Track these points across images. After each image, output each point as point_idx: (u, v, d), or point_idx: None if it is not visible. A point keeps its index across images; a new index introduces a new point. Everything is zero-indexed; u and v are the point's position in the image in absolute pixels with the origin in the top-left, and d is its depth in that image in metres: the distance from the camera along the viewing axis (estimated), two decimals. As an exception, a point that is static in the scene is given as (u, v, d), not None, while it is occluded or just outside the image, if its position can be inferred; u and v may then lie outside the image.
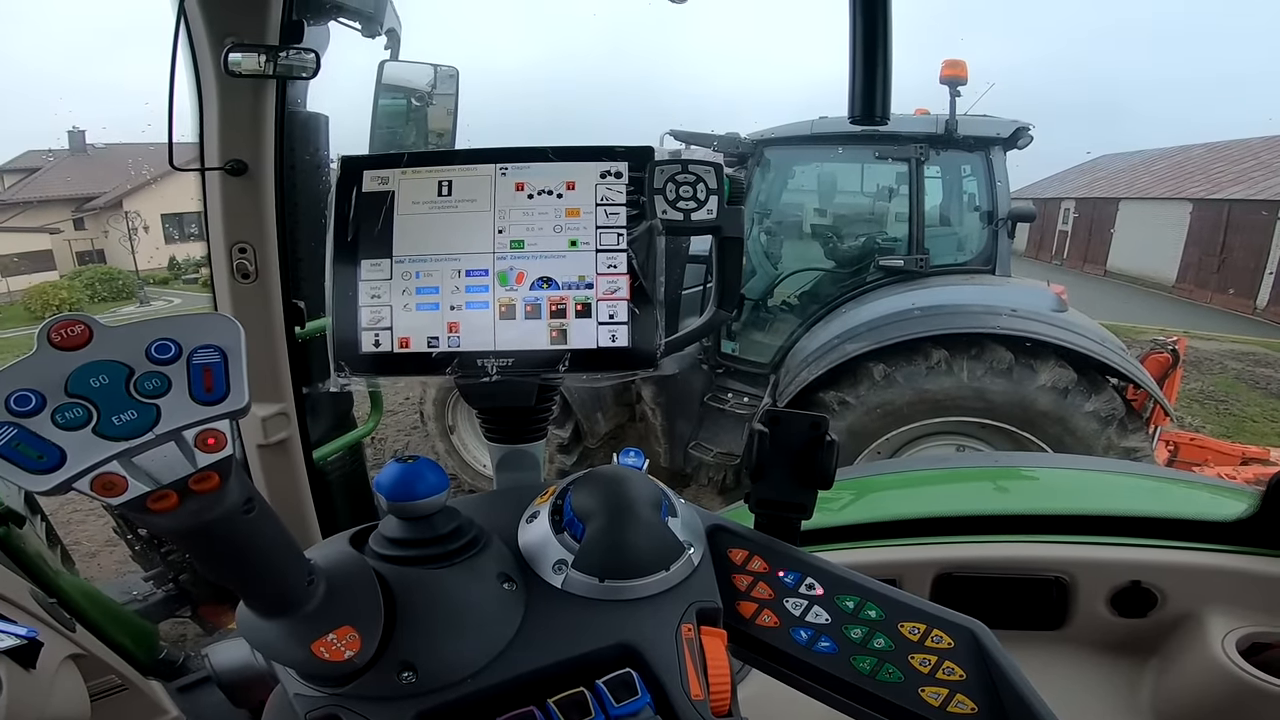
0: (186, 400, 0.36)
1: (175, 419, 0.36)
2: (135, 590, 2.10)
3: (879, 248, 4.10)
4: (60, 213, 23.22)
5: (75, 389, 0.35)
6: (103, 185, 23.18)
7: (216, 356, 0.37)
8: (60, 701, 0.90)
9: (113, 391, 0.35)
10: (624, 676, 0.46)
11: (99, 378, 0.35)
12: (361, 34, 1.78)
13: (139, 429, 0.35)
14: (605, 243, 0.60)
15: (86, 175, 24.01)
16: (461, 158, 0.63)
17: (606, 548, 0.52)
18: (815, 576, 0.56)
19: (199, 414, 0.36)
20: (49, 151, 25.88)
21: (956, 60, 3.83)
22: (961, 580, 1.01)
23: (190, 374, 0.37)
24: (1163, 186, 18.76)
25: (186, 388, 0.36)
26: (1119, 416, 3.28)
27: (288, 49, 1.28)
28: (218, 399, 0.36)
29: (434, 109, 2.24)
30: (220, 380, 0.37)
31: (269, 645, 0.43)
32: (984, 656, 0.52)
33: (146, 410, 0.35)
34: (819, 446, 0.58)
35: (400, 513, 0.50)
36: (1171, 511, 1.03)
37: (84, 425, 0.34)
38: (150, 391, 0.36)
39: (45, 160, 25.47)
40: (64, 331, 0.36)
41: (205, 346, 0.37)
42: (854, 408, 3.45)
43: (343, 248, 0.61)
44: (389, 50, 1.98)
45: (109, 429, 0.34)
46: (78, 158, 25.54)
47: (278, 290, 1.26)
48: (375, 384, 0.60)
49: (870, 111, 0.65)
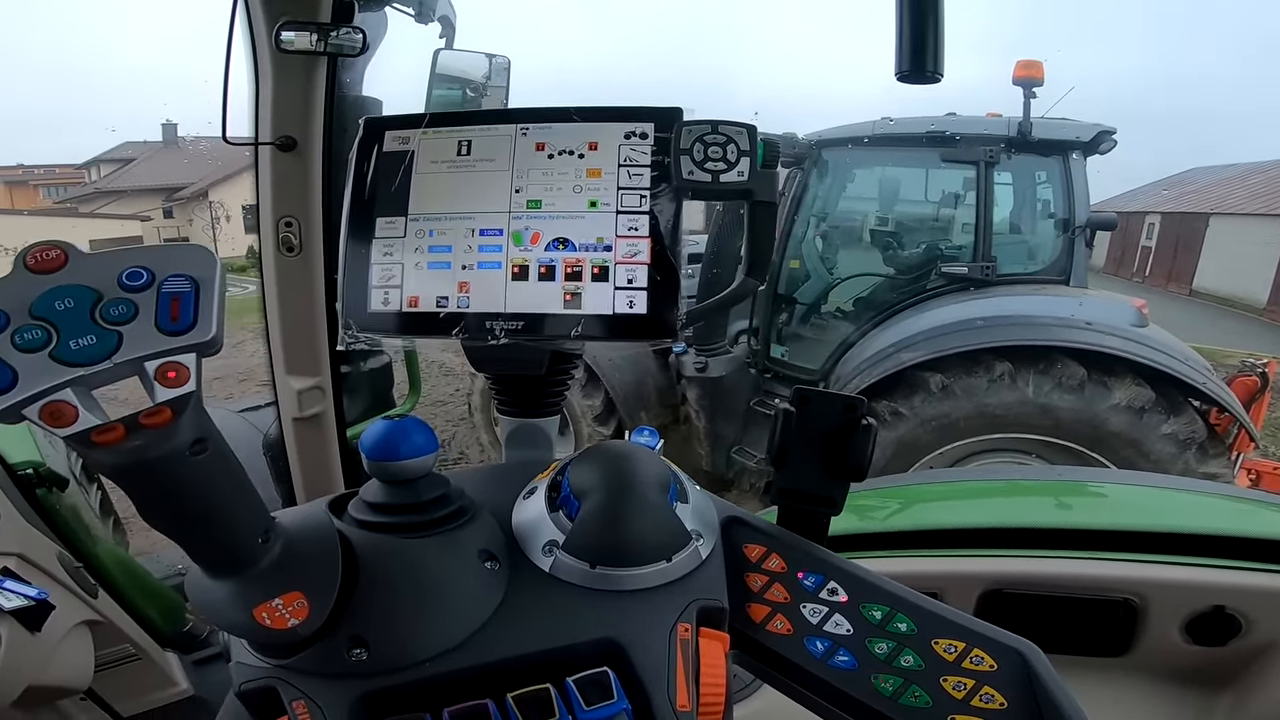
0: (151, 329, 0.34)
1: (137, 347, 0.33)
2: (179, 564, 2.17)
3: (942, 255, 3.93)
4: (151, 201, 24.72)
5: (39, 311, 0.33)
6: (191, 176, 24.56)
7: (188, 285, 0.35)
8: (60, 667, 0.91)
9: (76, 315, 0.33)
10: (599, 676, 0.41)
11: (64, 301, 0.34)
12: (415, 20, 1.80)
13: (97, 355, 0.33)
14: (627, 204, 0.57)
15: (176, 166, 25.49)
16: (483, 118, 0.61)
17: (601, 530, 0.47)
18: (840, 581, 0.50)
19: (162, 344, 0.34)
20: (144, 143, 27.67)
21: (1032, 61, 3.65)
22: (1012, 598, 0.92)
23: (159, 302, 0.34)
24: (1257, 202, 17.50)
25: (153, 316, 0.34)
26: (1199, 440, 3.05)
27: (338, 28, 1.31)
28: (183, 329, 0.34)
29: (488, 100, 2.25)
30: (188, 310, 0.34)
31: (211, 607, 0.40)
32: (1033, 683, 0.44)
33: (108, 336, 0.33)
34: (854, 431, 0.52)
35: (381, 473, 0.46)
36: (1261, 532, 0.92)
37: (42, 348, 0.32)
38: (115, 318, 0.34)
39: (140, 151, 27.22)
40: (40, 255, 0.35)
41: (177, 275, 0.35)
42: (906, 419, 3.31)
43: (359, 206, 0.60)
44: (444, 39, 2.00)
45: (65, 353, 0.33)
46: (169, 149, 27.14)
47: (320, 264, 1.28)
48: (375, 341, 0.58)
49: (921, 66, 0.58)
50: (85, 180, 27.79)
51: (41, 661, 0.87)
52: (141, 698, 1.20)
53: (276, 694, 0.41)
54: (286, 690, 0.40)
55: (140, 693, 1.20)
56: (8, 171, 27.91)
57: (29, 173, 28.60)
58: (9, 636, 0.80)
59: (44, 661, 0.87)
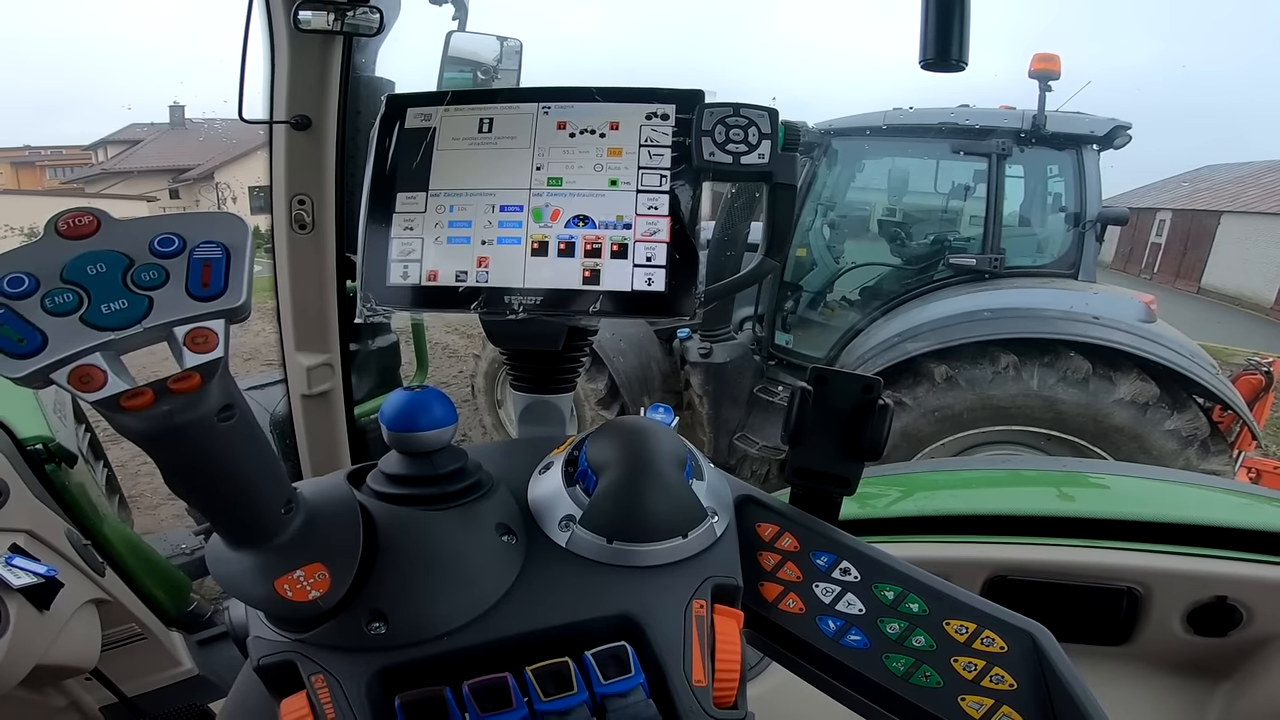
0: (182, 294, 0.34)
1: (167, 312, 0.33)
2: (185, 544, 2.18)
3: (950, 246, 3.91)
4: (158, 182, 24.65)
5: (70, 275, 0.33)
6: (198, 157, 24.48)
7: (219, 252, 0.35)
8: (67, 646, 0.90)
9: (108, 280, 0.34)
10: (617, 650, 0.41)
11: (96, 265, 0.34)
12: (429, 1, 1.80)
13: (128, 320, 0.33)
14: (647, 183, 0.57)
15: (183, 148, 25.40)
16: (506, 96, 0.61)
17: (618, 505, 0.47)
18: (852, 560, 0.50)
19: (192, 309, 0.34)
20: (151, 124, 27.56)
21: (1049, 54, 3.61)
22: (1017, 585, 0.93)
23: (190, 268, 0.35)
24: (1271, 200, 17.32)
25: (184, 282, 0.34)
26: (1201, 437, 3.05)
27: (355, 7, 1.31)
28: (214, 295, 0.34)
29: (499, 84, 2.24)
30: (219, 276, 0.35)
31: (232, 579, 0.39)
32: (1043, 666, 0.45)
33: (139, 301, 0.33)
34: (870, 412, 0.52)
35: (400, 444, 0.46)
36: (1265, 524, 0.92)
37: (72, 312, 0.33)
38: (146, 283, 0.34)
39: (147, 133, 27.12)
40: (72, 221, 0.35)
41: (208, 242, 0.35)
42: (910, 409, 3.32)
43: (380, 181, 0.60)
44: (456, 21, 1.99)
45: (96, 317, 0.33)
46: (177, 131, 27.03)
47: (332, 242, 1.28)
48: (388, 313, 0.58)
49: (945, 53, 0.58)
50: (92, 161, 27.72)
51: (48, 641, 0.86)
52: (147, 677, 1.21)
53: (294, 669, 0.40)
54: (305, 664, 0.40)
55: (145, 672, 1.21)
56: (14, 153, 27.84)
57: (36, 154, 28.53)
58: (17, 614, 0.80)
59: (52, 640, 0.87)
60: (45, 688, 1.03)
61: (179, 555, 2.11)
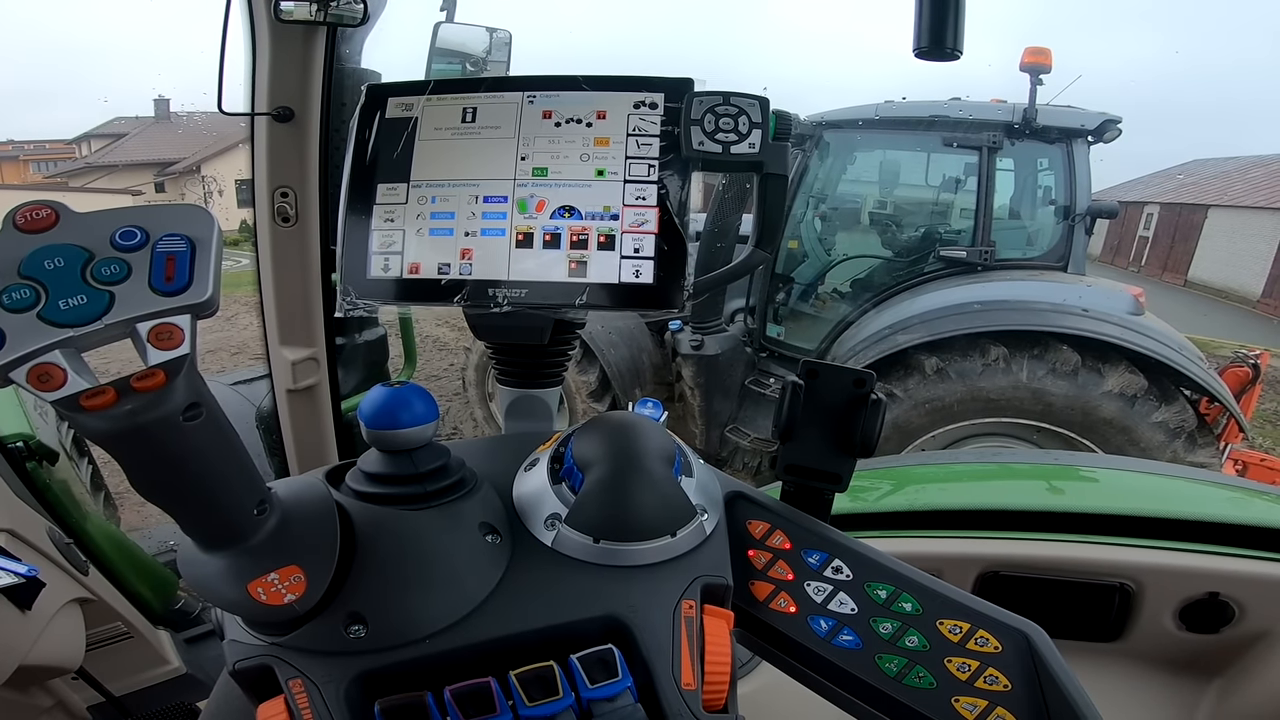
0: (145, 289, 0.33)
1: (129, 308, 0.32)
2: (172, 541, 2.15)
3: (941, 239, 3.92)
4: (143, 176, 24.37)
5: (27, 270, 0.32)
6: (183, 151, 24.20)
7: (183, 245, 0.34)
8: (50, 646, 0.88)
9: (66, 275, 0.32)
10: (604, 653, 0.40)
11: (54, 260, 0.32)
12: (416, -12, 1.77)
13: (88, 316, 0.32)
14: (635, 173, 0.56)
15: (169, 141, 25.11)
16: (489, 85, 0.60)
17: (605, 504, 0.46)
18: (844, 559, 0.50)
19: (156, 304, 0.32)
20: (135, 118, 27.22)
21: (1040, 47, 3.61)
22: (1009, 580, 0.93)
23: (153, 262, 0.33)
24: (1257, 195, 17.47)
25: (147, 276, 0.33)
26: (1189, 429, 3.08)
27: (338, -3, 1.28)
28: (178, 289, 0.33)
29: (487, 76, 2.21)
30: (184, 270, 0.33)
31: (203, 583, 0.38)
32: (1037, 666, 0.44)
33: (99, 297, 0.32)
34: (862, 406, 0.51)
35: (379, 442, 0.45)
36: (1258, 519, 0.92)
37: (29, 308, 0.31)
38: (106, 278, 0.32)
39: (131, 126, 26.77)
40: (29, 214, 0.33)
41: (172, 235, 0.34)
42: (901, 401, 3.33)
43: (360, 172, 0.59)
44: (444, 12, 1.96)
45: (54, 313, 0.31)
46: (161, 124, 26.71)
47: (316, 235, 1.26)
48: (373, 308, 0.57)
49: (940, 41, 0.57)
50: (76, 155, 27.37)
51: (32, 641, 0.85)
52: (133, 676, 1.19)
53: (272, 673, 0.39)
54: (283, 669, 0.39)
55: (132, 671, 1.19)
56: (-3, 147, 27.49)
57: (19, 148, 28.14)
58: None
59: (34, 641, 0.85)
60: (30, 688, 1.02)
61: (166, 552, 2.08)
